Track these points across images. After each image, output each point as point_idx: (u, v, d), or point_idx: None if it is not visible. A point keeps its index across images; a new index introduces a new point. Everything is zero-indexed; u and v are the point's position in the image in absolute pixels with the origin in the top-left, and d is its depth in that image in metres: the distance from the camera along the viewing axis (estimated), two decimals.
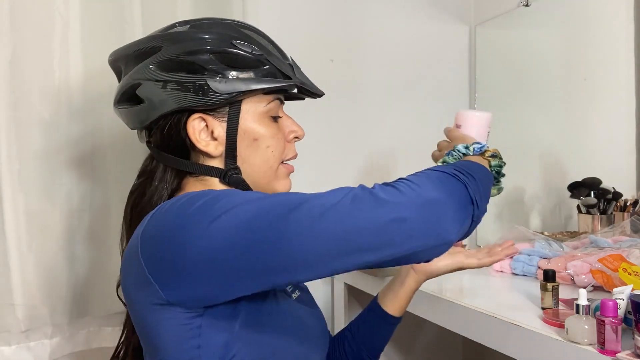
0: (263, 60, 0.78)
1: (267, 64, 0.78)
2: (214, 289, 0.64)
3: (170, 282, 0.65)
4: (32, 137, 1.11)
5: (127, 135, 1.21)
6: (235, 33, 0.79)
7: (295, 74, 0.80)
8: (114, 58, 0.86)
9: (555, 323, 0.88)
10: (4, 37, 1.08)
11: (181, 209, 0.65)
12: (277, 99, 0.80)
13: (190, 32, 0.79)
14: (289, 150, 0.83)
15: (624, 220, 1.36)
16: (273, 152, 0.80)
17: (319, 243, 0.59)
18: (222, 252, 0.61)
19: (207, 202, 0.64)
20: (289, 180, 0.84)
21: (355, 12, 1.62)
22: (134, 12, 1.20)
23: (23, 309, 1.11)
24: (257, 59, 0.78)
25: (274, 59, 0.79)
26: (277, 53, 0.81)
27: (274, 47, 0.82)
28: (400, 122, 1.69)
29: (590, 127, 1.57)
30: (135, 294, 0.70)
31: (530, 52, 1.70)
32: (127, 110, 0.83)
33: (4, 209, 1.08)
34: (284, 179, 0.83)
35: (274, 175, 0.81)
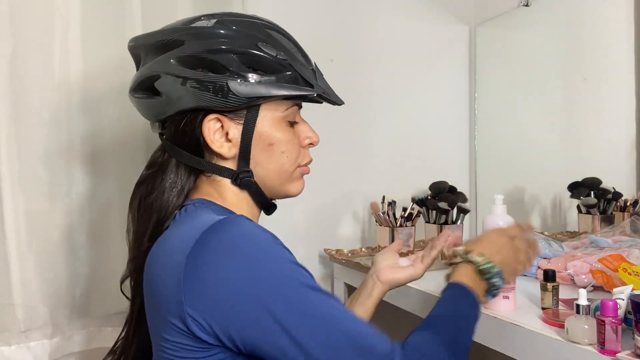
0: (286, 65, 0.77)
1: (290, 69, 0.78)
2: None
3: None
4: (32, 137, 1.11)
5: (127, 135, 1.21)
6: (261, 34, 0.78)
7: (317, 81, 0.81)
8: (135, 45, 0.84)
9: (555, 323, 0.88)
10: (4, 37, 1.08)
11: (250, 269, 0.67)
12: (296, 104, 0.81)
13: (214, 29, 0.77)
14: (304, 155, 0.84)
15: (624, 220, 1.36)
16: (288, 157, 0.81)
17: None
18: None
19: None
20: (303, 182, 0.86)
21: (356, 12, 1.62)
22: (134, 12, 1.20)
23: (23, 309, 1.11)
24: (281, 63, 0.77)
25: (297, 64, 0.79)
26: (302, 58, 0.81)
27: (299, 51, 0.82)
28: (400, 122, 1.69)
29: (590, 127, 1.57)
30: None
31: (530, 52, 1.70)
32: (143, 101, 0.83)
33: (4, 209, 1.08)
34: (297, 180, 0.85)
35: (289, 177, 0.83)
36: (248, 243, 0.68)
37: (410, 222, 1.44)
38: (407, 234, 1.43)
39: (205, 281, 0.66)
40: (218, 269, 0.66)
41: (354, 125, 1.62)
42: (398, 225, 1.42)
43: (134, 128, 1.21)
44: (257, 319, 0.64)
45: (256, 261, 0.66)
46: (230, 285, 0.65)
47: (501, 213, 1.00)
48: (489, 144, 1.76)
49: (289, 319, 0.64)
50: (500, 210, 1.00)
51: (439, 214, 1.47)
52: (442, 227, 1.45)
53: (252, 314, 0.64)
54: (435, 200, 1.46)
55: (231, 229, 0.68)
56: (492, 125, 1.76)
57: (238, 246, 0.67)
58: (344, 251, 1.51)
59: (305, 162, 0.85)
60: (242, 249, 0.67)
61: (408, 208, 1.45)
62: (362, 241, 1.63)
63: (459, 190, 1.51)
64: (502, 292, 0.98)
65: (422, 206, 1.49)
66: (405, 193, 1.51)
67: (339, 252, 1.50)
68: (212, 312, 0.65)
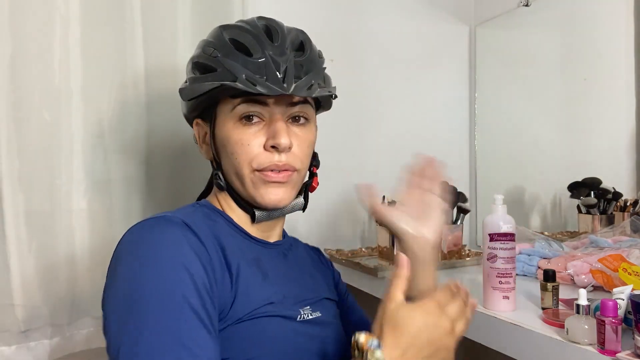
0: (216, 62, 0.77)
1: (219, 65, 0.76)
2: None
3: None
4: (32, 136, 1.11)
5: (127, 134, 1.21)
6: (212, 37, 0.81)
7: (260, 73, 0.75)
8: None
9: (555, 323, 0.88)
10: (4, 37, 1.08)
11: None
12: (246, 101, 0.76)
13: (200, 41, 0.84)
14: (264, 158, 0.77)
15: (624, 220, 1.36)
16: (237, 159, 0.77)
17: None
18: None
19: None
20: (270, 191, 0.78)
21: (356, 12, 1.62)
22: (134, 12, 1.20)
23: (23, 309, 1.11)
24: (212, 60, 0.78)
25: (230, 59, 0.76)
26: (242, 53, 0.77)
27: (242, 45, 0.77)
28: (400, 121, 1.69)
29: (590, 127, 1.57)
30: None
31: (530, 52, 1.70)
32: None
33: (4, 208, 1.08)
34: (262, 188, 0.78)
35: (249, 182, 0.78)
36: (138, 245, 0.69)
37: None
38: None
39: (107, 280, 0.71)
40: (112, 269, 0.71)
41: (354, 125, 1.62)
42: None
43: (134, 128, 1.21)
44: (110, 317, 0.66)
45: (137, 262, 0.67)
46: (110, 285, 0.69)
47: (501, 213, 1.00)
48: (489, 144, 1.76)
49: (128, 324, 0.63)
50: (500, 210, 1.00)
51: None
52: None
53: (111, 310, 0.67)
54: None
55: (134, 231, 0.71)
56: (492, 125, 1.76)
57: (130, 249, 0.70)
58: (344, 251, 1.51)
59: (264, 165, 0.77)
60: (131, 250, 0.70)
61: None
62: (362, 241, 1.63)
63: (459, 190, 1.51)
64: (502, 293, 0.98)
65: None
66: None
67: (339, 252, 1.50)
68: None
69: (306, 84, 0.77)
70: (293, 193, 0.81)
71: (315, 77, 0.79)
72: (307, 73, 0.78)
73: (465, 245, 1.57)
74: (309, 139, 0.82)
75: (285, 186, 0.79)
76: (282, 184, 0.78)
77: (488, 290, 1.00)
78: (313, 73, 0.79)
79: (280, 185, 0.78)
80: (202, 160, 1.27)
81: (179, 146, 1.26)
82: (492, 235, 0.99)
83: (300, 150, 0.80)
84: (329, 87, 0.84)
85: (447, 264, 1.43)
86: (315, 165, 0.89)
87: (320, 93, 0.79)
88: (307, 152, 0.82)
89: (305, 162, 0.82)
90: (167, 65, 1.25)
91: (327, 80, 0.85)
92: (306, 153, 0.82)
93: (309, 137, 0.82)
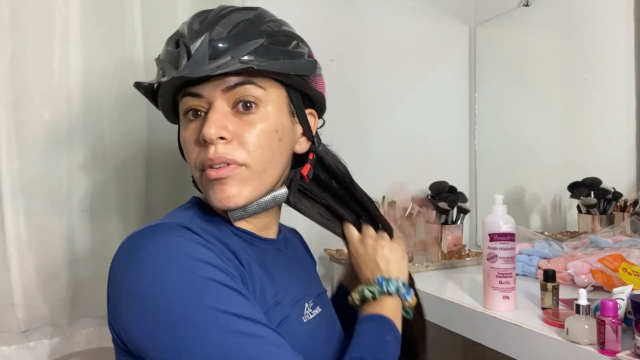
0: (156, 62, 0.74)
1: (157, 62, 0.74)
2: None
3: None
4: (32, 137, 1.11)
5: (128, 134, 1.21)
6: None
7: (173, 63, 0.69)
8: None
9: (555, 323, 0.88)
10: (4, 37, 1.08)
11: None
12: (184, 95, 0.71)
13: None
14: (202, 154, 0.70)
15: (624, 220, 1.36)
16: (188, 159, 0.73)
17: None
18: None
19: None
20: (216, 190, 0.70)
21: (356, 12, 1.62)
22: (134, 12, 1.20)
23: (23, 309, 1.11)
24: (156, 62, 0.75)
25: (163, 55, 0.73)
26: (169, 46, 0.72)
27: (172, 39, 0.73)
28: (400, 122, 1.69)
29: (590, 127, 1.57)
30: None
31: (530, 52, 1.70)
32: None
33: (4, 209, 1.08)
34: (209, 190, 0.71)
35: (202, 185, 0.73)
36: (156, 253, 0.62)
37: (410, 222, 1.44)
38: (407, 234, 1.43)
39: (114, 289, 0.64)
40: (123, 280, 0.63)
41: (354, 125, 1.62)
42: (398, 225, 1.42)
43: (134, 128, 1.21)
44: (151, 332, 0.60)
45: (159, 274, 0.61)
46: (131, 297, 0.62)
47: (501, 213, 1.00)
48: (489, 144, 1.76)
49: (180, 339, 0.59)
50: (500, 210, 1.00)
51: (439, 214, 1.47)
52: (442, 227, 1.45)
53: (148, 326, 0.60)
54: (435, 200, 1.46)
55: (146, 239, 0.64)
56: (492, 125, 1.76)
57: (144, 257, 0.62)
58: (344, 251, 1.50)
59: (200, 164, 0.70)
60: (148, 259, 0.62)
61: (408, 208, 1.45)
62: None
63: (459, 190, 1.51)
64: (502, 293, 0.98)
65: (422, 206, 1.49)
66: None
67: (339, 252, 1.50)
68: (118, 322, 0.64)
69: (219, 63, 0.66)
70: (249, 189, 0.71)
71: (237, 52, 0.67)
72: (227, 51, 0.68)
73: (465, 245, 1.57)
74: (262, 126, 0.70)
75: (230, 182, 0.69)
76: (224, 179, 0.69)
77: (488, 290, 1.00)
78: (235, 49, 0.68)
79: (223, 182, 0.69)
80: None
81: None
82: (492, 235, 0.99)
83: (248, 140, 0.69)
84: (265, 62, 0.69)
85: (447, 264, 1.43)
86: (313, 151, 0.82)
87: (232, 69, 0.66)
88: (258, 142, 0.70)
89: (256, 154, 0.70)
90: None
91: (273, 52, 0.71)
92: (257, 143, 0.70)
93: (262, 125, 0.70)
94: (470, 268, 1.43)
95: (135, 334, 0.62)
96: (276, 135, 0.72)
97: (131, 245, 0.65)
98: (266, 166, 0.72)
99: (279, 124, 0.73)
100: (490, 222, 1.00)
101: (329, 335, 0.82)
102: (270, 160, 0.72)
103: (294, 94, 0.77)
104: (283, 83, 0.74)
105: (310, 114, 0.82)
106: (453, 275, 1.36)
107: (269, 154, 0.72)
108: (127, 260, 0.64)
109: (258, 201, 0.74)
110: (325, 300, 0.88)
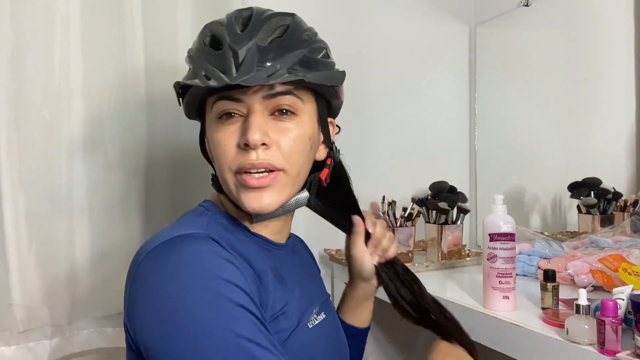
0: (190, 60, 0.75)
1: (191, 63, 0.74)
2: None
3: None
4: (32, 137, 1.11)
5: (128, 134, 1.21)
6: (198, 35, 0.77)
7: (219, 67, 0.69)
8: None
9: (555, 323, 0.88)
10: (5, 37, 1.08)
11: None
12: (220, 98, 0.71)
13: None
14: (241, 157, 0.70)
15: (624, 220, 1.36)
16: (218, 161, 0.73)
17: None
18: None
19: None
20: (251, 197, 0.71)
21: (356, 13, 1.62)
22: (134, 12, 1.20)
23: (23, 309, 1.10)
24: (188, 60, 0.75)
25: (199, 56, 0.73)
26: (208, 47, 0.73)
27: (209, 39, 0.73)
28: (400, 122, 1.69)
29: (590, 127, 1.57)
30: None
31: (530, 52, 1.70)
32: None
33: (4, 209, 1.08)
34: (242, 195, 0.71)
35: (232, 188, 0.72)
36: (183, 268, 0.62)
37: (410, 222, 1.44)
38: (407, 234, 1.43)
39: (137, 298, 0.64)
40: (150, 289, 0.63)
41: (354, 125, 1.61)
42: (398, 225, 1.42)
43: (134, 127, 1.21)
44: (165, 351, 0.60)
45: (186, 291, 0.61)
46: (153, 309, 0.62)
47: (501, 213, 1.00)
48: (489, 144, 1.76)
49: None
50: (500, 210, 1.00)
51: (439, 214, 1.47)
52: (442, 227, 1.45)
53: (161, 343, 0.61)
54: (435, 200, 1.46)
55: (175, 250, 0.64)
56: (492, 125, 1.76)
57: (172, 271, 0.62)
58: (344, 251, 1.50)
59: (239, 167, 0.70)
60: (175, 273, 0.62)
61: (408, 208, 1.45)
62: None
63: (459, 190, 1.51)
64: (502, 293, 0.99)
65: (422, 206, 1.49)
66: (405, 193, 1.51)
67: (339, 252, 1.50)
68: (137, 329, 0.64)
69: (268, 71, 0.68)
70: (281, 197, 0.72)
71: (284, 61, 0.70)
72: (274, 59, 0.69)
73: (465, 245, 1.57)
74: (297, 134, 0.72)
75: (269, 190, 0.71)
76: (264, 188, 0.70)
77: (488, 290, 1.00)
78: (282, 58, 0.70)
79: (262, 190, 0.70)
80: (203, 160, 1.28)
81: (179, 146, 1.26)
82: (492, 235, 0.99)
83: (285, 146, 0.71)
84: (309, 73, 0.72)
85: (447, 264, 1.44)
86: (331, 157, 0.84)
87: (285, 79, 0.68)
88: (293, 149, 0.72)
89: (292, 160, 0.72)
90: (167, 64, 1.24)
91: (312, 64, 0.74)
92: (293, 150, 0.72)
93: (297, 132, 0.72)
94: (470, 268, 1.43)
95: (151, 345, 0.62)
96: (309, 142, 0.75)
97: (157, 254, 0.64)
98: (299, 171, 0.74)
99: (311, 132, 0.75)
100: (490, 222, 1.00)
101: (334, 340, 0.83)
102: (302, 165, 0.75)
103: (321, 103, 0.79)
104: (315, 92, 0.77)
105: (330, 123, 0.85)
106: (453, 275, 1.36)
107: (303, 160, 0.74)
108: (153, 271, 0.64)
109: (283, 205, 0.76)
110: (329, 305, 0.88)
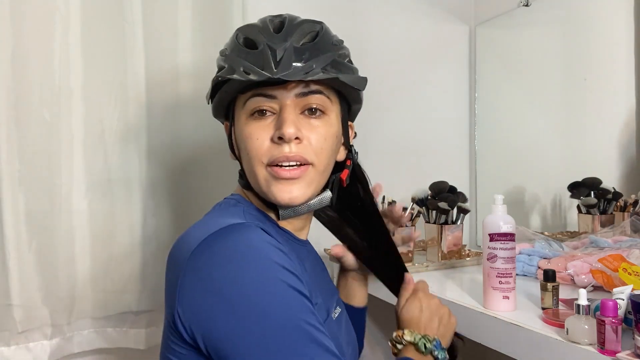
0: (225, 59, 0.77)
1: (226, 61, 0.76)
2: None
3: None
4: (32, 137, 1.11)
5: (127, 134, 1.21)
6: (230, 38, 0.80)
7: (257, 64, 0.73)
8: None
9: (555, 323, 0.88)
10: (4, 37, 1.08)
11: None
12: (256, 94, 0.75)
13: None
14: (273, 151, 0.73)
15: (624, 220, 1.36)
16: (248, 154, 0.75)
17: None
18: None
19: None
20: (281, 188, 0.74)
21: (356, 13, 1.62)
22: (134, 12, 1.20)
23: (22, 309, 1.11)
24: (221, 59, 0.78)
25: (234, 54, 0.76)
26: (244, 46, 0.76)
27: (249, 40, 0.77)
28: (400, 121, 1.69)
29: (590, 127, 1.57)
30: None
31: (530, 52, 1.70)
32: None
33: (4, 209, 1.08)
34: (272, 186, 0.74)
35: (261, 181, 0.75)
36: (244, 255, 0.65)
37: (410, 222, 1.44)
38: (407, 234, 1.43)
39: (196, 285, 0.64)
40: (211, 276, 0.64)
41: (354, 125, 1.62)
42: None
43: (134, 127, 1.21)
44: (231, 335, 0.62)
45: (249, 276, 0.63)
46: (217, 295, 0.63)
47: (501, 213, 1.00)
48: (489, 144, 1.76)
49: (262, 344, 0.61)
50: (500, 210, 1.00)
51: (439, 214, 1.47)
52: (442, 227, 1.45)
53: (228, 327, 0.62)
54: (435, 200, 1.46)
55: (231, 238, 0.66)
56: (492, 125, 1.76)
57: (232, 257, 0.64)
58: None
59: (271, 159, 0.73)
60: (237, 260, 0.64)
61: (408, 208, 1.45)
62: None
63: (459, 190, 1.51)
64: (502, 293, 0.99)
65: (422, 206, 1.49)
66: (405, 193, 1.51)
67: None
68: (194, 316, 0.64)
69: (304, 68, 0.72)
70: (309, 190, 0.76)
71: (318, 62, 0.74)
72: (309, 59, 0.74)
73: (465, 245, 1.56)
74: (326, 131, 0.76)
75: (299, 182, 0.74)
76: (294, 180, 0.74)
77: (488, 290, 1.00)
78: (316, 58, 0.74)
79: (292, 182, 0.74)
80: (202, 159, 1.28)
81: (179, 145, 1.26)
82: (492, 235, 0.99)
83: (315, 142, 0.75)
84: (341, 74, 0.77)
85: (447, 264, 1.43)
86: (350, 159, 0.88)
87: (321, 77, 0.73)
88: (323, 146, 0.76)
89: (322, 156, 0.76)
90: (167, 64, 1.25)
91: (341, 67, 0.78)
92: (322, 146, 0.76)
93: (326, 130, 0.76)
94: (470, 268, 1.43)
95: (217, 331, 0.63)
96: (335, 141, 0.79)
97: (211, 243, 0.65)
98: (326, 167, 0.78)
99: (337, 131, 0.80)
100: (490, 222, 1.00)
101: (348, 332, 0.88)
102: (329, 162, 0.79)
103: (343, 105, 0.83)
104: (340, 95, 0.81)
105: (350, 126, 0.89)
106: (453, 275, 1.36)
107: (330, 157, 0.79)
108: (210, 260, 0.65)
109: (307, 203, 0.78)
110: (340, 300, 0.93)
